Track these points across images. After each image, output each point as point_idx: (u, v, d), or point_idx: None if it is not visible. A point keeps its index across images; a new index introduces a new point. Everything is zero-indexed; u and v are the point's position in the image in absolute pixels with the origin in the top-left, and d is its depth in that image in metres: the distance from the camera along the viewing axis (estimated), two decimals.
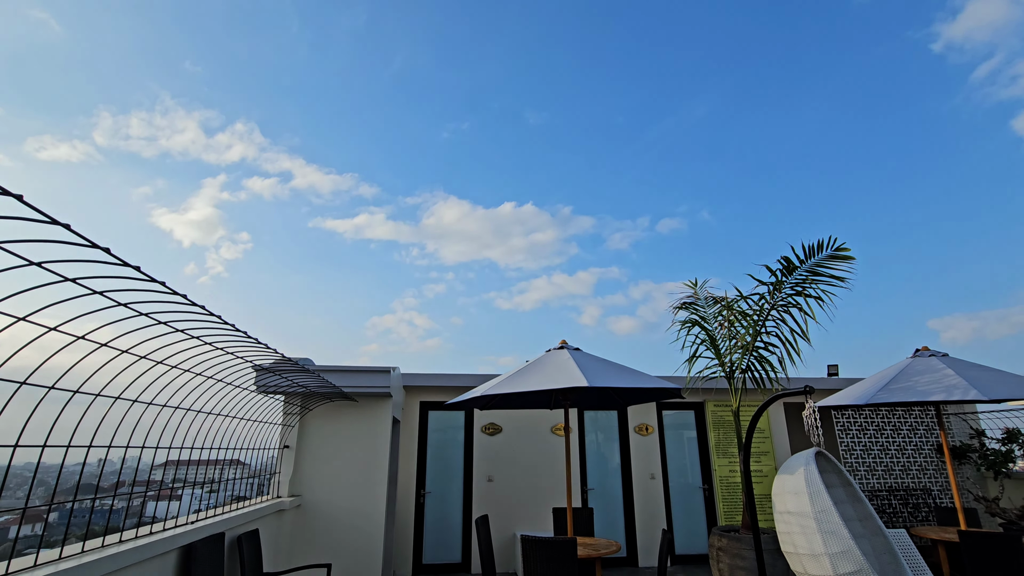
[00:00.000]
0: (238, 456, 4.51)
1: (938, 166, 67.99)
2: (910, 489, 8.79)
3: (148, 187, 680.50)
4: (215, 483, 4.15)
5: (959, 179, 71.10)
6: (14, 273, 1.72)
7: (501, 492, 7.92)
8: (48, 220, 1.61)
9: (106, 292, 2.20)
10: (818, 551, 3.72)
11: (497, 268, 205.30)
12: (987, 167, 61.40)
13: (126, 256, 1.94)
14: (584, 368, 4.68)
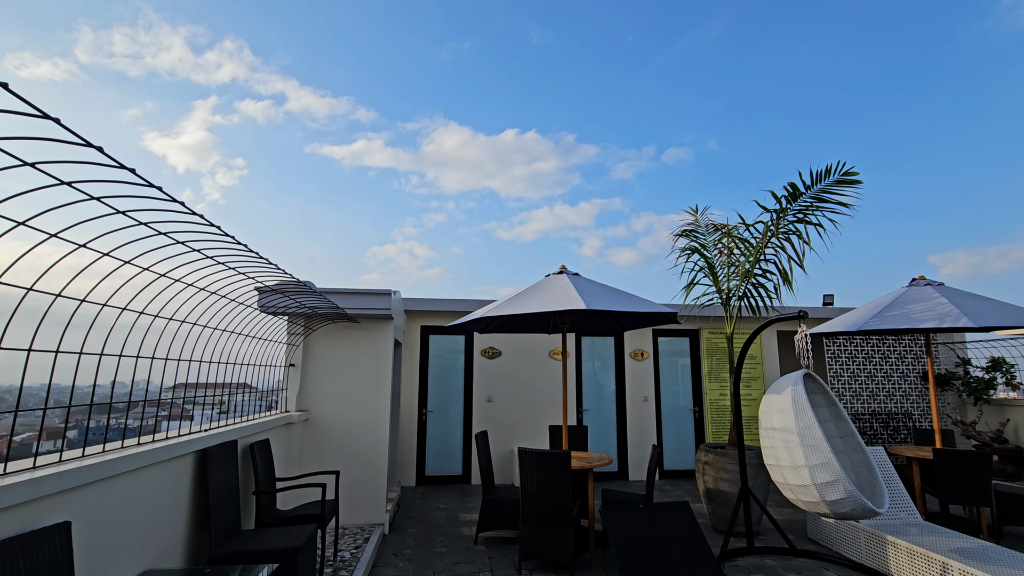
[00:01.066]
0: (246, 379, 4.66)
1: (955, 95, 64.67)
2: (892, 413, 9.16)
3: (137, 109, 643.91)
4: (224, 403, 4.31)
5: (974, 110, 67.73)
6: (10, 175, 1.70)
7: (500, 412, 8.27)
8: (83, 143, 1.62)
9: (129, 212, 2.23)
10: (799, 463, 3.94)
11: (498, 198, 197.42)
12: (1011, 97, 58.01)
13: (120, 179, 1.94)
14: (582, 291, 4.74)
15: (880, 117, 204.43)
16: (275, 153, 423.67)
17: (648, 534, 4.32)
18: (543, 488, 4.50)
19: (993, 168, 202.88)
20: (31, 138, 1.49)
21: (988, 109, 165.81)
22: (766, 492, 5.68)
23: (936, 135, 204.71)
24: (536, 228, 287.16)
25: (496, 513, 5.15)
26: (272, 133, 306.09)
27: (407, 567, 4.57)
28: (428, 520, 6.07)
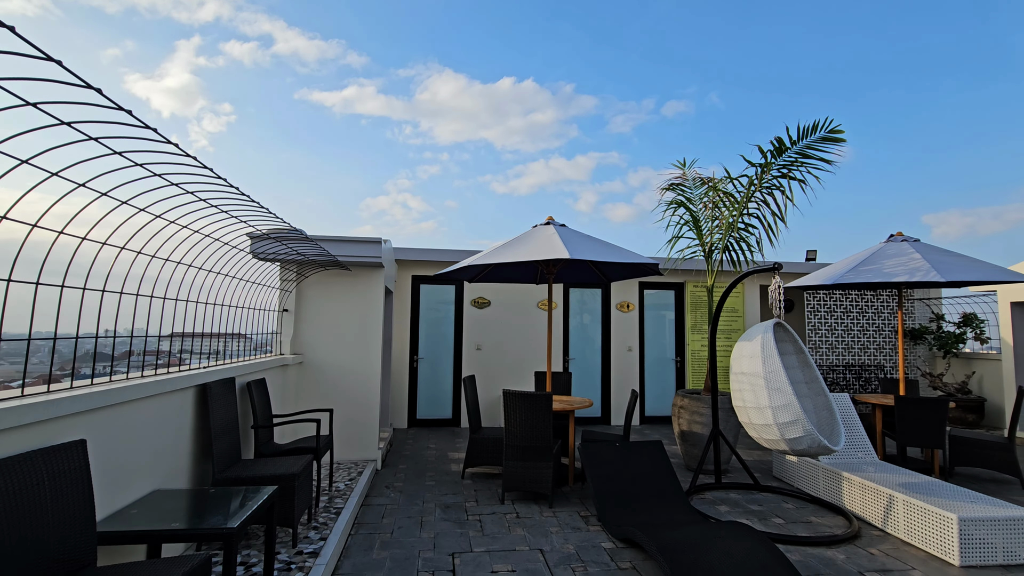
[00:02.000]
0: (240, 328, 4.79)
1: (958, 52, 62.26)
2: (865, 365, 9.55)
3: (117, 49, 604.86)
4: (220, 353, 4.46)
5: (975, 66, 65.62)
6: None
7: (489, 359, 8.55)
8: (84, 84, 1.68)
9: (125, 152, 2.30)
10: (763, 404, 4.22)
11: (493, 150, 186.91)
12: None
13: (116, 120, 2.01)
14: (567, 242, 4.87)
15: (884, 71, 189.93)
16: (263, 98, 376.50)
17: (622, 469, 4.65)
18: (526, 427, 4.79)
19: (991, 127, 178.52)
20: (32, 79, 1.57)
21: (986, 68, 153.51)
22: (736, 435, 6.04)
23: (936, 91, 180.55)
24: (531, 182, 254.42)
25: (482, 451, 5.47)
26: (260, 77, 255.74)
27: (398, 497, 4.90)
28: (419, 458, 6.42)
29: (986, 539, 3.63)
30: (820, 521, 4.46)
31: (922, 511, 3.89)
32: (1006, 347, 8.29)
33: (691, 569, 3.15)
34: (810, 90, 56.68)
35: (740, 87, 62.76)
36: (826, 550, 3.87)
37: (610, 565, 3.56)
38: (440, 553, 3.69)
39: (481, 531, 4.11)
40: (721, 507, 4.79)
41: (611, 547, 3.86)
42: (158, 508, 2.70)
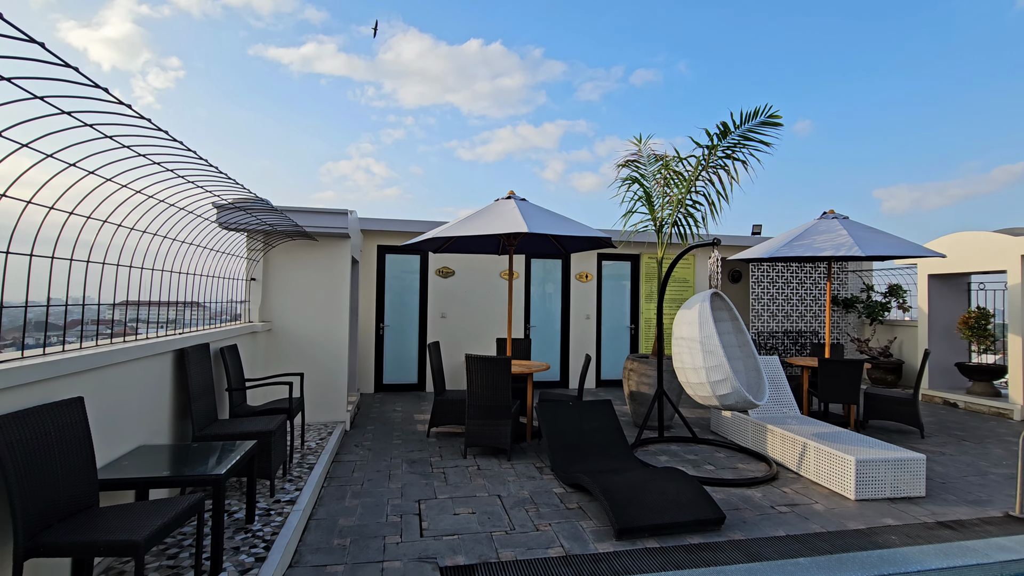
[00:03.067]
0: (199, 297, 4.70)
1: (920, 32, 64.92)
2: (801, 331, 10.35)
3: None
4: (175, 323, 4.33)
5: (936, 44, 68.65)
6: None
7: (453, 327, 8.89)
8: (26, 38, 1.68)
9: (75, 112, 2.23)
10: (698, 365, 4.72)
11: (460, 115, 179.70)
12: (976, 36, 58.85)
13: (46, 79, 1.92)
14: (526, 216, 5.18)
15: (847, 45, 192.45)
16: (214, 53, 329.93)
17: (574, 426, 5.11)
18: (487, 388, 5.17)
19: (938, 105, 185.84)
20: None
21: (934, 47, 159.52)
22: (679, 394, 6.61)
23: (890, 67, 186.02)
24: (499, 149, 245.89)
25: (446, 411, 5.85)
26: (210, 30, 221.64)
27: (367, 454, 5.25)
28: (385, 419, 6.76)
29: (877, 477, 4.27)
30: (745, 467, 5.06)
31: (828, 455, 4.50)
32: (922, 315, 9.17)
33: (627, 505, 3.64)
34: (776, 63, 57.63)
35: (708, 58, 63.23)
36: (746, 490, 4.45)
37: (559, 506, 4.03)
38: (407, 500, 4.08)
39: (445, 481, 4.51)
40: (662, 457, 5.34)
41: (561, 492, 4.33)
42: (146, 460, 2.96)
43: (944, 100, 68.27)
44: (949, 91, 67.97)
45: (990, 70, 66.30)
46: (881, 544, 3.45)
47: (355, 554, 3.18)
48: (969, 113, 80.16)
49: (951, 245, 8.62)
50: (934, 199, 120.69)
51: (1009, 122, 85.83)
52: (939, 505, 4.16)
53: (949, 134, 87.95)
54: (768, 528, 3.70)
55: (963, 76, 61.47)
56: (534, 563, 3.13)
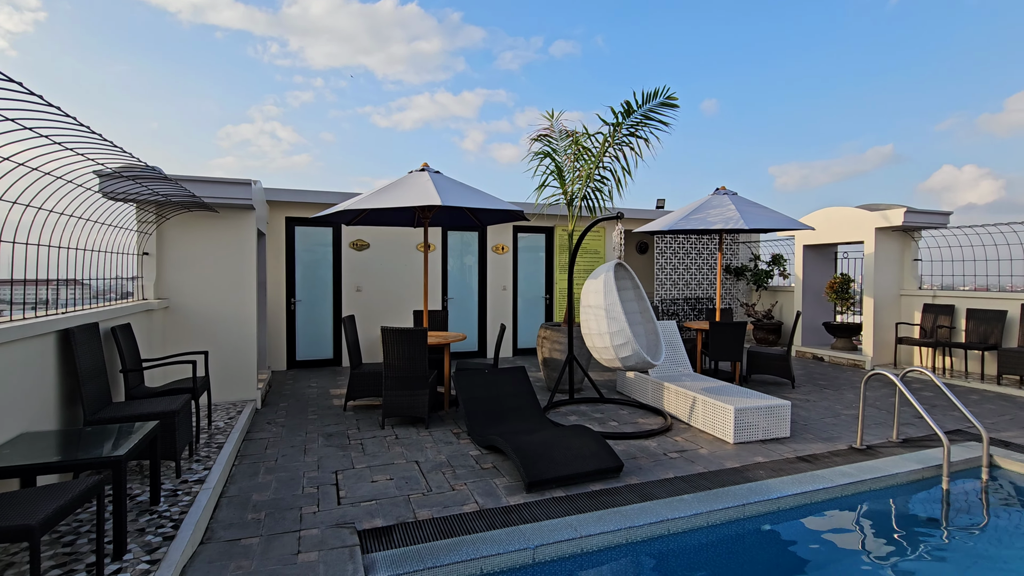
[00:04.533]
0: (80, 274, 4.30)
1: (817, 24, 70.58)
2: (699, 298, 11.27)
3: None
4: (48, 303, 3.92)
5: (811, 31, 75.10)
6: None
7: (369, 300, 8.78)
8: None
9: None
10: (603, 330, 5.08)
11: (374, 79, 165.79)
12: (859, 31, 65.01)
13: None
14: (440, 189, 5.22)
15: (749, 29, 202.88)
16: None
17: (490, 392, 5.34)
18: (403, 359, 5.25)
19: (823, 89, 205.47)
20: None
21: (823, 35, 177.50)
22: (588, 359, 7.05)
23: (785, 51, 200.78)
24: (416, 116, 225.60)
25: (363, 384, 5.87)
26: None
27: (280, 431, 5.17)
28: (300, 396, 6.64)
29: (752, 423, 4.88)
30: (645, 421, 5.57)
31: (713, 406, 5.07)
32: (798, 281, 10.32)
33: (536, 460, 3.93)
34: (687, 43, 60.03)
35: (625, 33, 64.54)
36: (644, 441, 4.92)
37: (475, 467, 4.25)
38: (324, 472, 4.11)
39: (363, 452, 4.58)
40: (572, 417, 5.73)
41: (477, 454, 4.56)
42: (30, 447, 2.78)
43: (828, 85, 75.06)
44: (833, 77, 74.72)
45: (866, 58, 73.49)
46: (751, 478, 4.00)
47: (270, 526, 3.21)
48: (848, 97, 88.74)
49: (821, 219, 9.71)
50: (819, 176, 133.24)
51: (880, 107, 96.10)
52: (800, 443, 4.86)
53: (832, 116, 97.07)
54: (660, 472, 4.15)
55: (844, 63, 67.74)
56: (449, 519, 3.32)
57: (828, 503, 3.85)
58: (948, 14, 78.54)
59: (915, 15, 66.80)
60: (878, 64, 76.87)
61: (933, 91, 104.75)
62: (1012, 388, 7.02)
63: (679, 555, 3.23)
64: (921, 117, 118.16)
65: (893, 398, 6.47)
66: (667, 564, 3.18)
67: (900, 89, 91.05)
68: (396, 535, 3.11)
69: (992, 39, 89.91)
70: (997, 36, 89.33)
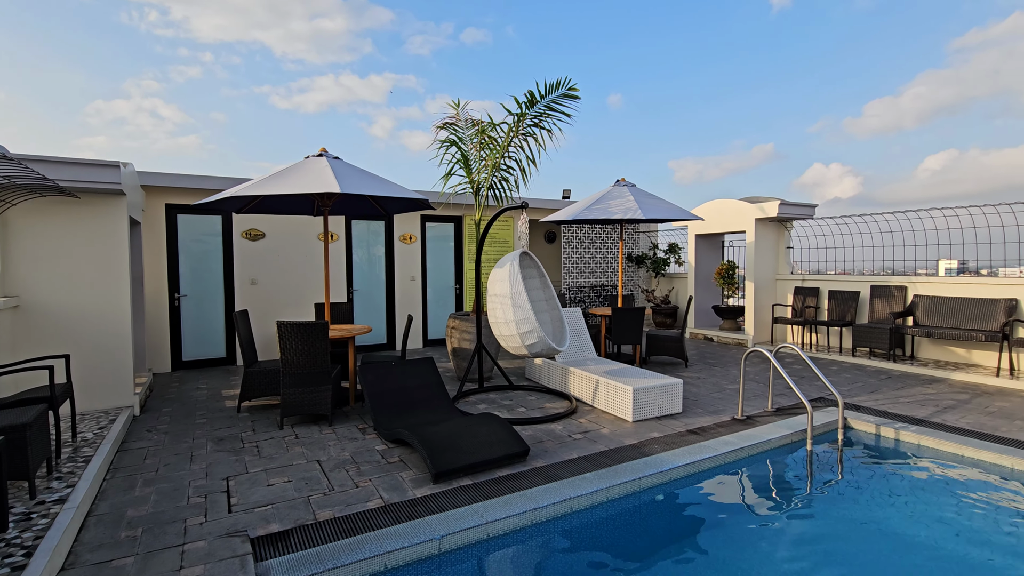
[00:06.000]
0: None
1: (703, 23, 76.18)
2: (604, 285, 11.78)
3: None
4: None
5: (718, 36, 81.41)
6: None
7: (266, 294, 8.23)
8: None
9: None
10: (509, 318, 5.14)
11: (272, 56, 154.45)
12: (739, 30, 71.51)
13: None
14: (339, 175, 4.99)
15: (653, 28, 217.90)
16: None
17: (397, 385, 5.22)
18: (303, 355, 4.98)
19: (716, 88, 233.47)
20: None
21: (715, 42, 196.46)
22: (497, 348, 7.13)
23: (684, 52, 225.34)
24: (320, 99, 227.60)
25: (259, 383, 5.50)
26: None
27: (163, 438, 4.72)
28: (187, 399, 6.10)
29: (649, 401, 5.19)
30: (552, 406, 5.73)
31: (614, 388, 5.33)
32: (691, 268, 11.10)
33: (444, 451, 3.91)
34: (594, 38, 61.92)
35: (535, 25, 65.32)
36: (550, 424, 5.07)
37: (381, 462, 4.15)
38: (214, 479, 3.81)
39: (258, 455, 4.31)
40: (481, 405, 5.76)
41: (383, 449, 4.45)
42: None
43: (720, 87, 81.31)
44: (724, 80, 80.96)
45: (749, 63, 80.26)
46: (647, 453, 4.26)
47: (148, 543, 2.92)
48: (737, 99, 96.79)
49: (709, 210, 10.50)
50: (712, 171, 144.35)
51: (763, 109, 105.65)
52: (690, 417, 5.24)
53: (723, 116, 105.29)
54: (565, 453, 4.29)
55: (734, 69, 73.61)
56: (352, 517, 3.22)
57: (714, 470, 4.20)
58: (819, 27, 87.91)
59: (792, 27, 74.11)
60: (762, 70, 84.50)
61: (807, 96, 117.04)
62: (863, 359, 8.06)
63: (582, 530, 3.37)
64: (797, 119, 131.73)
65: (769, 372, 7.19)
66: (571, 540, 3.31)
67: (780, 93, 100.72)
68: (294, 539, 2.96)
69: (854, 51, 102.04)
70: (858, 48, 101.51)
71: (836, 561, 3.13)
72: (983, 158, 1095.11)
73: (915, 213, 8.68)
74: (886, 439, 4.85)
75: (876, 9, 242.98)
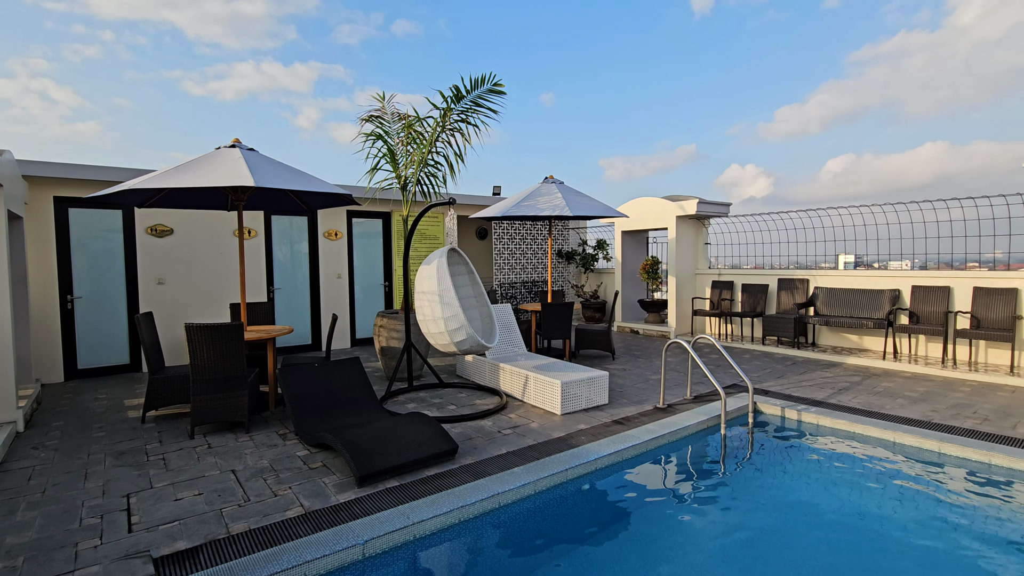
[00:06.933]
0: None
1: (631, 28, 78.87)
2: (535, 281, 11.93)
3: None
4: None
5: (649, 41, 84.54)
6: None
7: (175, 294, 7.65)
8: None
9: None
10: (437, 316, 5.08)
11: (183, 39, 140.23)
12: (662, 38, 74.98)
13: None
14: (254, 168, 4.71)
15: (585, 28, 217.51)
16: None
17: (320, 387, 5.02)
18: (216, 359, 4.67)
19: (644, 89, 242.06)
20: None
21: (640, 45, 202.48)
22: (427, 346, 7.03)
23: (614, 54, 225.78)
24: (239, 87, 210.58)
25: (166, 390, 5.11)
26: None
27: (52, 456, 4.27)
28: (82, 411, 5.56)
29: (576, 394, 5.31)
30: (482, 402, 5.73)
31: (543, 382, 5.41)
32: (617, 264, 11.48)
33: (370, 453, 3.80)
34: (529, 33, 62.34)
35: (466, 19, 64.82)
36: (480, 421, 5.06)
37: (303, 468, 3.97)
38: (112, 497, 3.50)
39: (165, 468, 4.00)
40: (410, 404, 5.66)
41: (305, 454, 4.27)
42: None
43: (647, 89, 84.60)
44: (651, 82, 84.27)
45: (674, 68, 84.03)
46: (574, 445, 4.36)
47: (31, 572, 2.63)
48: (662, 101, 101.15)
49: (634, 208, 10.90)
50: (640, 170, 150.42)
51: (686, 112, 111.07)
52: (616, 408, 5.42)
53: (650, 117, 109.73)
54: (494, 449, 4.31)
55: (659, 71, 76.73)
56: (269, 528, 3.06)
57: (638, 457, 4.37)
58: (736, 36, 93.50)
59: (711, 36, 78.35)
60: (685, 74, 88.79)
61: (725, 100, 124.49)
62: (772, 347, 8.68)
63: (511, 524, 3.39)
64: (717, 122, 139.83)
65: (688, 363, 7.58)
66: (500, 534, 3.32)
67: (702, 97, 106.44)
68: (203, 556, 2.77)
69: (766, 59, 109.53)
70: (770, 57, 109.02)
71: (748, 529, 3.35)
72: (875, 162, 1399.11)
73: (819, 212, 9.44)
74: (790, 420, 5.24)
75: (785, 21, 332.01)
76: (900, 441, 4.57)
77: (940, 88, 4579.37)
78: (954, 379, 6.63)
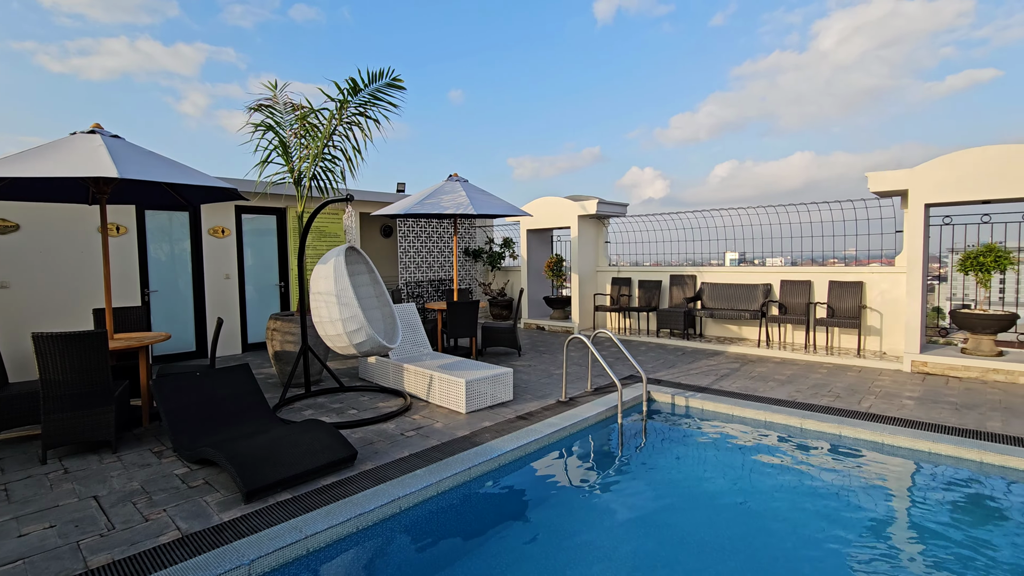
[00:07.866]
0: None
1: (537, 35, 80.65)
2: (442, 279, 11.82)
3: None
4: None
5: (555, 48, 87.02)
6: None
7: (22, 299, 6.66)
8: None
9: None
10: (335, 317, 4.86)
11: (38, 7, 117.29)
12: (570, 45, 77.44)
13: None
14: (118, 158, 4.21)
15: (492, 25, 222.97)
16: None
17: (203, 397, 4.61)
18: (73, 372, 4.12)
19: (551, 91, 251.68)
20: None
21: (550, 50, 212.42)
22: (326, 349, 6.71)
23: (524, 56, 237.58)
24: (110, 65, 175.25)
25: (10, 410, 4.43)
26: None
27: None
28: None
29: (481, 391, 5.33)
30: (385, 405, 5.58)
31: (447, 381, 5.37)
32: (524, 262, 11.69)
33: (259, 465, 3.55)
34: (436, 28, 61.32)
35: (373, 9, 62.43)
36: (382, 424, 4.92)
37: (181, 487, 3.62)
38: None
39: (7, 500, 3.46)
40: (307, 411, 5.37)
41: (185, 472, 3.90)
42: None
43: (554, 90, 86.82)
44: (558, 84, 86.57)
45: (579, 72, 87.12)
46: (478, 442, 4.37)
47: None
48: (569, 103, 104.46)
49: (538, 207, 11.16)
50: (548, 169, 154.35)
51: (591, 114, 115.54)
52: (520, 404, 5.52)
53: (557, 118, 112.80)
54: (396, 453, 4.20)
55: (565, 74, 79.04)
56: (138, 557, 2.75)
57: (541, 451, 4.47)
58: (634, 44, 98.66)
59: (612, 43, 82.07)
60: (589, 78, 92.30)
61: (626, 105, 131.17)
62: (665, 339, 9.29)
63: (412, 528, 3.33)
64: (618, 126, 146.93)
65: (588, 357, 7.89)
66: (401, 539, 3.25)
67: (605, 101, 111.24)
68: None
69: (663, 67, 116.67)
70: (667, 65, 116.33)
71: (641, 509, 3.55)
72: (756, 168, 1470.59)
73: (708, 212, 10.22)
74: (679, 406, 5.64)
75: (678, 34, 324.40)
76: (770, 420, 5.08)
77: (807, 104, 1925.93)
78: (814, 362, 7.50)
